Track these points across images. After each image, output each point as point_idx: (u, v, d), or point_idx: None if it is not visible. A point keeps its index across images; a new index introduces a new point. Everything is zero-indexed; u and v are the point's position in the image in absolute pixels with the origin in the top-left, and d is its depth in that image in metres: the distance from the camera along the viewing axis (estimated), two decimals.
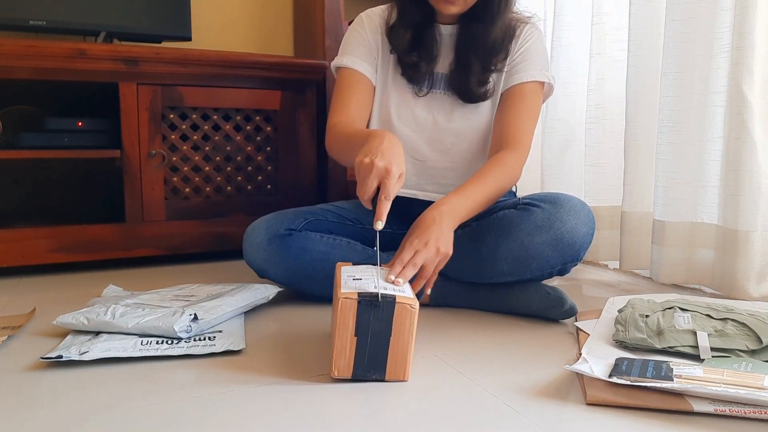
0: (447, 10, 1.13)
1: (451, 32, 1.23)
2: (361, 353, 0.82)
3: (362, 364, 0.83)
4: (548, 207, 1.10)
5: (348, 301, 0.81)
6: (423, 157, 1.26)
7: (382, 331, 0.81)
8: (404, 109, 1.25)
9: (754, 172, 1.22)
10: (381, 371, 0.83)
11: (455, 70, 1.21)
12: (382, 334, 0.81)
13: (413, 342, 0.83)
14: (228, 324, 1.06)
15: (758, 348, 0.87)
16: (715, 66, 1.31)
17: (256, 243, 1.19)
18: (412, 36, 1.20)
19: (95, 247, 1.55)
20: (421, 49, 1.21)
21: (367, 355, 0.82)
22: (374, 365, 0.83)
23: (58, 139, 1.52)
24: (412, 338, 0.82)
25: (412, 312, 0.81)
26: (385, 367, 0.83)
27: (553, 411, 0.75)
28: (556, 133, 1.70)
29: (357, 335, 0.82)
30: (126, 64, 1.53)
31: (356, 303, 0.80)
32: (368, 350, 0.82)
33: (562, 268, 1.13)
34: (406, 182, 1.27)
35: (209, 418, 0.73)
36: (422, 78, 1.23)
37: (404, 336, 0.82)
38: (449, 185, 1.27)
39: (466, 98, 1.21)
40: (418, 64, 1.21)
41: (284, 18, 2.14)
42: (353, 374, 0.83)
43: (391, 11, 1.24)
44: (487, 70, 1.20)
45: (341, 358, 0.83)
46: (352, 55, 1.24)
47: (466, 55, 1.20)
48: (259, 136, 1.73)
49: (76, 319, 0.99)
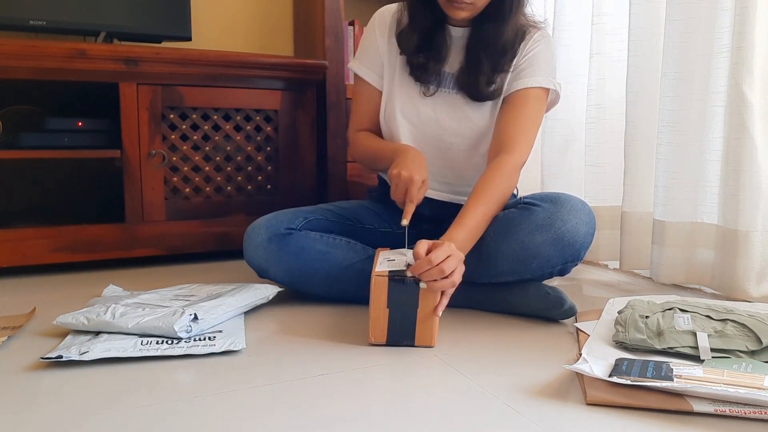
0: (457, 15, 1.13)
1: (462, 34, 1.23)
2: (393, 323, 0.97)
3: (394, 332, 0.97)
4: (549, 206, 1.11)
5: (380, 278, 0.96)
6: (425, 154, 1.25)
7: (410, 304, 0.95)
8: (409, 106, 1.25)
9: (754, 172, 1.22)
10: (411, 338, 0.97)
11: (465, 69, 1.22)
12: (410, 306, 0.96)
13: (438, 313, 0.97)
14: (228, 324, 1.06)
15: (758, 349, 0.87)
16: (715, 66, 1.31)
17: (256, 242, 1.20)
18: (421, 39, 1.21)
19: (95, 247, 1.55)
20: (430, 50, 1.22)
21: (398, 324, 0.97)
22: (405, 333, 0.97)
23: (58, 139, 1.52)
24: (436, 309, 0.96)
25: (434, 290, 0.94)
26: (414, 334, 0.97)
27: (553, 411, 0.75)
28: (556, 133, 1.70)
29: (389, 307, 0.96)
30: (126, 64, 1.53)
31: (387, 280, 0.95)
32: (399, 320, 0.97)
33: (563, 267, 1.13)
34: None
35: (209, 418, 0.73)
36: (430, 78, 1.23)
37: (429, 308, 0.96)
38: (447, 183, 1.28)
39: (475, 97, 1.22)
40: (426, 65, 1.22)
41: (284, 18, 2.14)
42: (387, 340, 0.98)
43: (403, 13, 1.25)
44: (496, 71, 1.20)
45: (377, 327, 0.97)
46: (362, 64, 1.30)
47: (477, 55, 1.20)
48: (259, 136, 1.73)
49: (76, 319, 0.99)
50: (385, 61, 1.28)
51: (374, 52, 1.28)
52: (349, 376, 0.86)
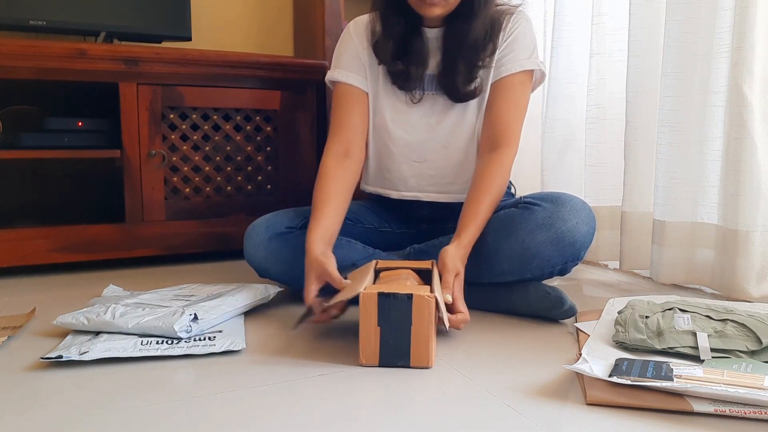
0: (430, 12, 1.12)
1: (437, 35, 1.22)
2: (385, 342, 0.88)
3: (387, 352, 0.89)
4: (549, 206, 1.11)
5: (369, 294, 0.87)
6: (421, 158, 1.26)
7: (403, 320, 0.87)
8: (399, 114, 1.24)
9: (754, 172, 1.22)
10: (406, 358, 0.89)
11: (442, 71, 1.21)
12: (403, 323, 0.87)
13: (434, 330, 0.89)
14: (228, 324, 1.06)
15: (758, 349, 0.87)
16: (715, 66, 1.31)
17: (257, 242, 1.20)
18: (397, 46, 1.19)
19: (95, 247, 1.55)
20: (409, 56, 1.20)
21: (391, 344, 0.88)
22: (399, 353, 0.89)
23: (58, 139, 1.52)
24: (432, 326, 0.87)
25: (429, 301, 0.86)
26: (409, 354, 0.88)
27: (553, 411, 0.75)
28: (556, 133, 1.70)
29: (380, 325, 0.88)
30: (126, 64, 1.53)
31: (376, 296, 0.87)
32: (392, 339, 0.88)
33: (563, 267, 1.13)
34: (406, 185, 1.29)
35: (209, 418, 0.73)
36: (413, 84, 1.22)
37: (424, 324, 0.87)
38: (448, 184, 1.27)
39: (455, 98, 1.21)
40: (406, 71, 1.20)
41: (284, 18, 2.14)
42: (380, 361, 0.89)
43: (376, 22, 1.22)
44: (473, 68, 1.19)
45: (368, 347, 0.89)
46: (343, 69, 1.24)
47: (451, 55, 1.19)
48: (259, 136, 1.73)
49: (76, 319, 0.99)
50: (367, 70, 1.25)
51: (356, 58, 1.24)
52: (349, 376, 0.86)
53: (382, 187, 1.32)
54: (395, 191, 1.30)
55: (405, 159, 1.26)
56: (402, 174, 1.28)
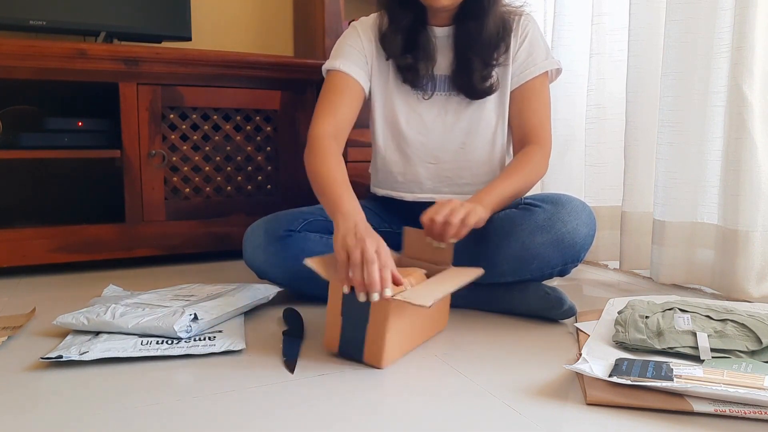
0: (437, 3, 1.13)
1: (446, 34, 1.22)
2: (344, 332, 0.91)
3: (345, 343, 0.92)
4: (549, 207, 1.11)
5: (338, 285, 0.89)
6: (436, 160, 1.25)
7: (361, 316, 0.89)
8: (412, 115, 1.24)
9: (754, 172, 1.22)
10: (359, 353, 0.90)
11: (456, 69, 1.21)
12: (361, 319, 0.89)
13: (390, 331, 0.88)
14: (228, 324, 1.06)
15: (758, 349, 0.87)
16: (715, 66, 1.31)
17: (256, 245, 1.19)
18: (405, 39, 1.20)
19: (95, 247, 1.55)
20: (416, 50, 1.21)
21: (348, 336, 0.91)
22: (354, 347, 0.91)
23: (58, 139, 1.52)
24: (386, 327, 0.87)
25: (386, 304, 0.86)
26: (362, 349, 0.90)
27: (553, 411, 0.75)
28: (556, 133, 1.69)
29: (342, 315, 0.91)
30: (126, 64, 1.53)
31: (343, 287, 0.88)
32: (349, 332, 0.91)
33: (563, 268, 1.13)
34: (422, 187, 1.28)
35: (209, 418, 0.73)
36: (424, 81, 1.22)
37: (380, 324, 0.87)
38: (465, 184, 1.26)
39: (472, 95, 1.21)
40: (415, 66, 1.21)
41: (284, 18, 2.14)
42: (338, 350, 0.93)
43: (382, 18, 1.23)
44: (488, 65, 1.20)
45: (330, 334, 0.93)
46: (345, 59, 1.21)
47: (465, 53, 1.20)
48: (259, 136, 1.73)
49: (76, 319, 0.99)
50: (374, 69, 1.24)
51: (360, 54, 1.23)
52: (349, 376, 0.86)
53: (394, 189, 1.31)
54: (410, 194, 1.29)
55: (420, 161, 1.26)
56: (418, 176, 1.27)
